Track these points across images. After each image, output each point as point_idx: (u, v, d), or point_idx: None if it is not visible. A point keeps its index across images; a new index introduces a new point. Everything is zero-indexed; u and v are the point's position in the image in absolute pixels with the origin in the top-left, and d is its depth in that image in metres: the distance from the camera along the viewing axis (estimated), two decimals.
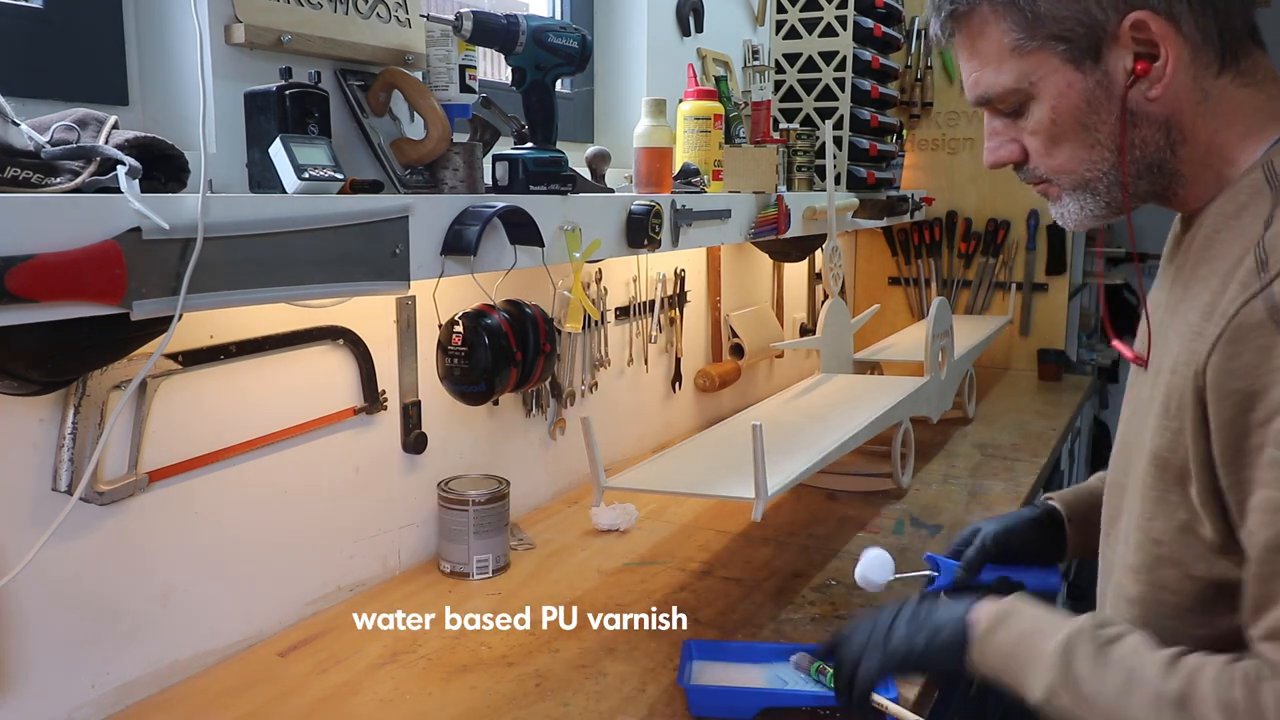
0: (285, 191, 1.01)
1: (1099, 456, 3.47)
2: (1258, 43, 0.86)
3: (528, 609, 1.38)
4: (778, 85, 2.44)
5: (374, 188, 1.10)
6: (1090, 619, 0.85)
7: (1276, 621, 0.73)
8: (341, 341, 1.37)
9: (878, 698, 1.00)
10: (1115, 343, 1.04)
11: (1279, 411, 0.72)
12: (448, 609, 1.37)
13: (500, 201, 1.21)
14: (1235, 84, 0.84)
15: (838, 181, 2.34)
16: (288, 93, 1.05)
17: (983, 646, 0.90)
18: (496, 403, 1.66)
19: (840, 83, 2.37)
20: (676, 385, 2.22)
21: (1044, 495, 1.19)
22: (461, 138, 1.32)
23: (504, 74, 1.64)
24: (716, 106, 1.81)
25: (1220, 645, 0.79)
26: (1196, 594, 0.83)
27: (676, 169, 1.73)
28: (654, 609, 1.37)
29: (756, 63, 2.46)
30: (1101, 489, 1.07)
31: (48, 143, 0.86)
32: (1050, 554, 1.15)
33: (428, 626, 1.32)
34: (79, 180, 0.83)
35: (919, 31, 2.97)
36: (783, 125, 2.34)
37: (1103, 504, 0.99)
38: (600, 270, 1.87)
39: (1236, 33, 0.83)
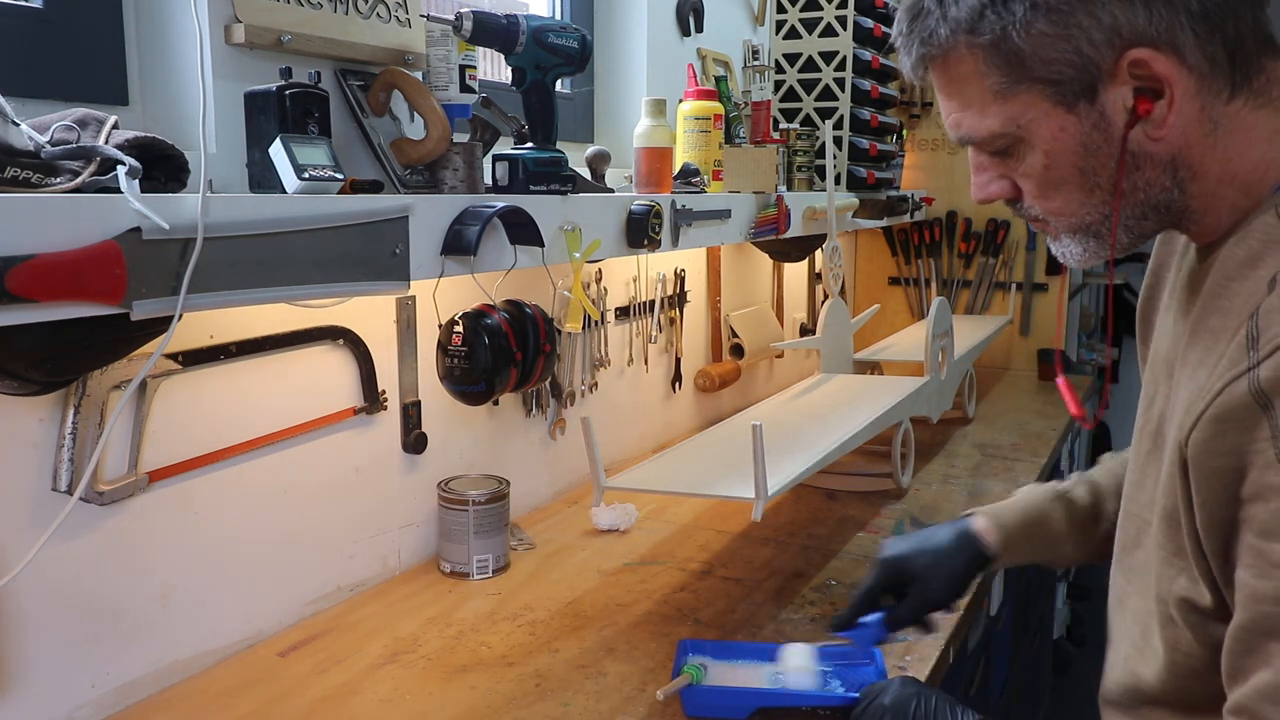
0: (285, 191, 1.01)
1: (1099, 456, 3.47)
2: (1274, 52, 0.78)
3: (528, 609, 1.38)
4: (778, 85, 2.44)
5: (374, 188, 1.10)
6: None
7: (1242, 697, 0.72)
8: (341, 341, 1.37)
9: None
10: (1060, 381, 0.98)
11: (1259, 495, 0.69)
12: (448, 609, 1.37)
13: (500, 201, 1.21)
14: (1248, 107, 0.77)
15: (838, 181, 2.34)
16: (288, 93, 1.05)
17: None
18: (496, 403, 1.66)
19: (840, 83, 2.37)
20: (676, 385, 2.22)
21: (971, 511, 1.14)
22: (461, 138, 1.32)
23: (504, 74, 1.64)
24: (716, 106, 1.81)
25: None
26: (1206, 657, 0.80)
27: (676, 169, 1.73)
28: (654, 609, 1.37)
29: (756, 63, 2.46)
30: (1040, 506, 1.09)
31: (48, 143, 0.86)
32: (964, 574, 1.10)
33: (428, 627, 1.32)
34: (79, 180, 0.83)
35: None
36: (783, 125, 2.34)
37: (1117, 526, 0.94)
38: (600, 270, 1.87)
39: (1249, 51, 0.75)
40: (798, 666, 1.13)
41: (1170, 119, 0.75)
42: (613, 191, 1.58)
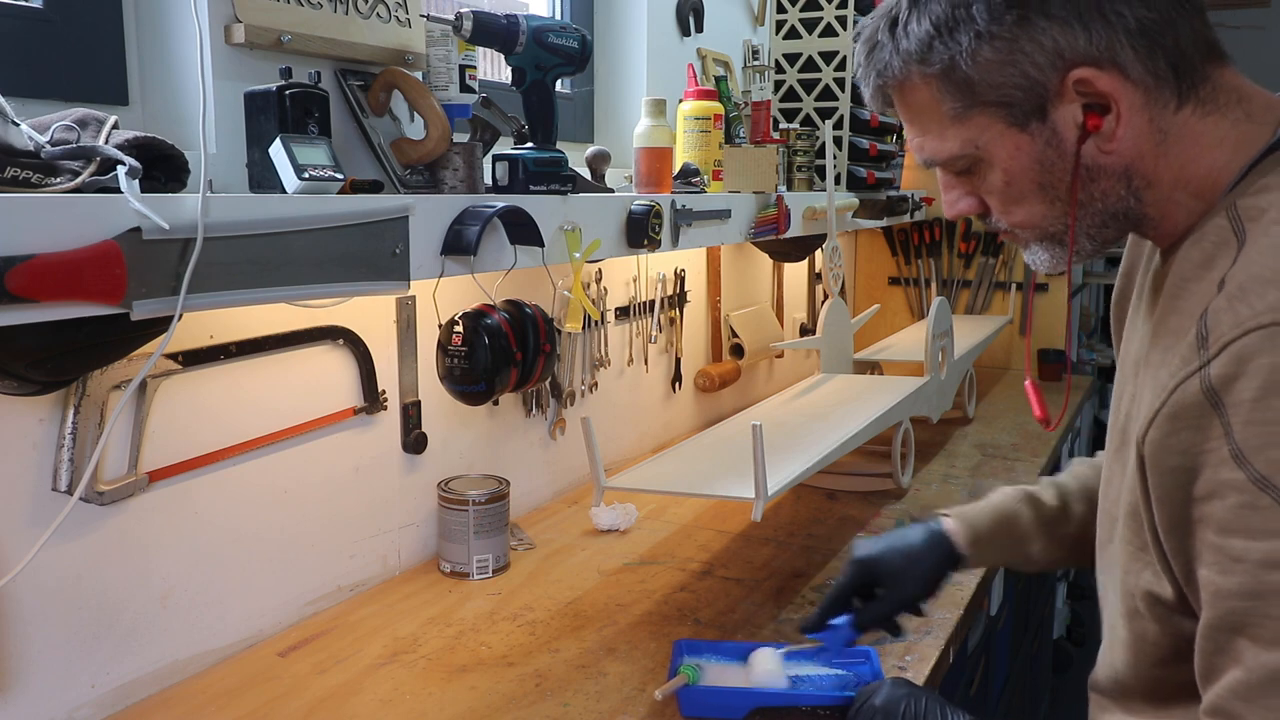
0: (285, 191, 1.01)
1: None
2: (1219, 59, 0.81)
3: (528, 609, 1.38)
4: (778, 85, 2.43)
5: (374, 188, 1.10)
6: None
7: (1216, 697, 0.72)
8: (341, 341, 1.37)
9: None
10: (1028, 384, 1.03)
11: (1215, 493, 0.70)
12: (448, 609, 1.37)
13: (500, 201, 1.21)
14: (1196, 115, 0.80)
15: (838, 181, 2.34)
16: (288, 93, 1.05)
17: None
18: (496, 403, 1.66)
19: (840, 83, 2.37)
20: (676, 385, 2.22)
21: (941, 513, 1.16)
22: (461, 138, 1.32)
23: (504, 74, 1.64)
24: (716, 106, 1.81)
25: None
26: (1172, 647, 0.82)
27: (676, 169, 1.73)
28: (654, 609, 1.37)
29: (756, 63, 2.46)
30: (1008, 507, 1.12)
31: (48, 143, 0.86)
32: (934, 574, 1.12)
33: (428, 626, 1.32)
34: (79, 180, 0.83)
35: None
36: (783, 125, 2.34)
37: (1097, 524, 0.96)
38: (600, 270, 1.87)
39: (1191, 62, 0.78)
40: (766, 670, 1.13)
41: (1119, 132, 0.79)
42: (613, 191, 1.58)
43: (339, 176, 1.04)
